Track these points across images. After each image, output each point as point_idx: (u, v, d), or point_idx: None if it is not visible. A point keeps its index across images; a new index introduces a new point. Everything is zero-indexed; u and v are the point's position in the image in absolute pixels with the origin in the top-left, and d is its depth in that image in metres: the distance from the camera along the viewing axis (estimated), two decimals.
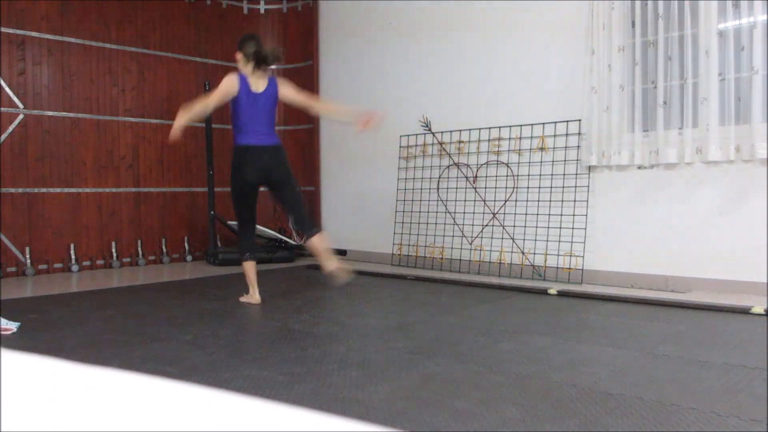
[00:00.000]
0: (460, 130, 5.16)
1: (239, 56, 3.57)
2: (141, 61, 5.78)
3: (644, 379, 2.13)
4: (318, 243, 3.61)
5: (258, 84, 3.54)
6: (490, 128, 4.97)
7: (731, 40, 3.75)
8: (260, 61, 3.52)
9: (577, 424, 1.72)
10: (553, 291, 3.97)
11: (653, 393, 1.98)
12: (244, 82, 3.51)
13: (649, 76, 4.10)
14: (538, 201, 4.67)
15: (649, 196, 4.16)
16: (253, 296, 3.72)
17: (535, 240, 4.68)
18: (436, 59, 5.33)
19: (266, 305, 3.65)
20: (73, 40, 5.36)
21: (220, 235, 6.37)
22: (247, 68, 3.55)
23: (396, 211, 5.63)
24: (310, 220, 3.80)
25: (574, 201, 4.47)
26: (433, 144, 5.36)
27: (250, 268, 3.72)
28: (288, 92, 3.67)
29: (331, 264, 3.59)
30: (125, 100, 5.69)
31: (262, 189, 3.73)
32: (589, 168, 4.41)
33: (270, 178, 3.60)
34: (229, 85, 3.48)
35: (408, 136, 5.55)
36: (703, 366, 2.29)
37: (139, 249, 5.76)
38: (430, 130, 5.38)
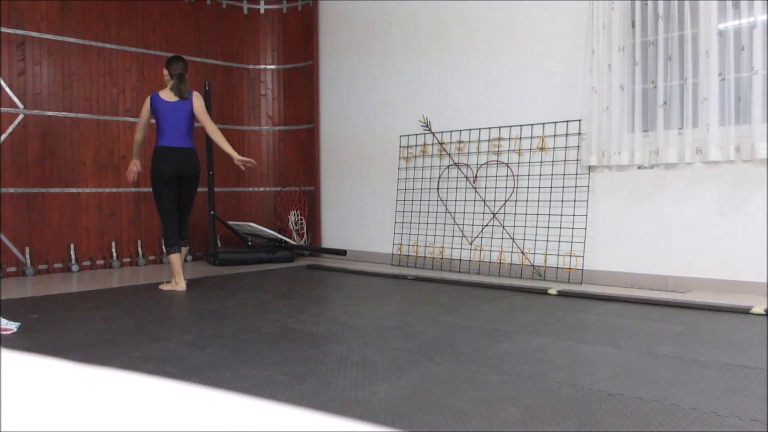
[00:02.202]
0: (460, 130, 5.16)
1: (165, 72, 4.24)
2: (141, 61, 5.79)
3: (644, 379, 2.13)
4: (176, 259, 4.21)
5: (173, 96, 4.20)
6: (490, 128, 4.97)
7: (731, 40, 3.75)
8: (176, 87, 4.20)
9: (577, 424, 1.72)
10: (553, 291, 3.97)
11: (653, 393, 1.98)
12: (156, 98, 4.19)
13: (649, 76, 4.10)
14: (538, 201, 4.67)
15: (649, 196, 4.16)
16: (179, 284, 4.21)
17: (535, 240, 4.68)
18: (436, 59, 5.34)
19: (266, 305, 3.65)
20: (73, 40, 5.36)
21: (220, 235, 6.38)
22: (169, 83, 4.23)
23: (396, 211, 5.64)
24: (185, 231, 4.36)
25: (574, 201, 4.47)
26: (433, 144, 5.36)
27: (175, 258, 4.21)
28: (197, 105, 4.27)
29: (179, 284, 4.19)
30: (125, 100, 5.69)
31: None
32: (589, 168, 4.41)
33: (182, 174, 4.19)
34: (144, 108, 4.25)
35: (408, 136, 5.56)
36: (703, 366, 2.29)
37: (139, 249, 5.76)
38: (430, 130, 5.38)
